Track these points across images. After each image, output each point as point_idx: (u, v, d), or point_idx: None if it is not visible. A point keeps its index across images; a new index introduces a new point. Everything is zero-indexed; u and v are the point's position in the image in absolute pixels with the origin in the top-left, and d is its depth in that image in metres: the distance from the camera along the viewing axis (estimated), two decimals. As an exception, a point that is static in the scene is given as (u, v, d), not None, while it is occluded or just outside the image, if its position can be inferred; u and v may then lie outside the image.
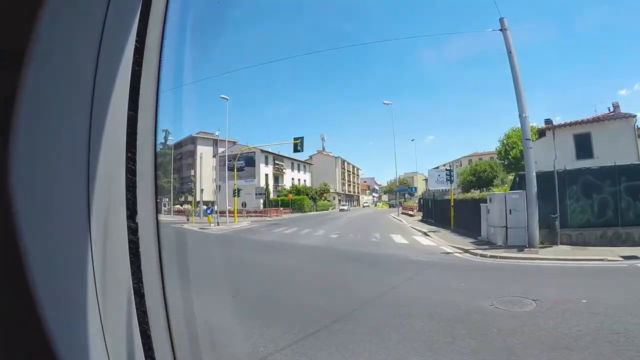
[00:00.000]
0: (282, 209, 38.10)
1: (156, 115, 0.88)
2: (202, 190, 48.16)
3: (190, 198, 56.14)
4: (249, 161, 44.87)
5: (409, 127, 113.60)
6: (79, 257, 0.74)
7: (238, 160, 46.49)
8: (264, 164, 46.58)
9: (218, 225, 20.58)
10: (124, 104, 0.80)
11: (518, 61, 9.82)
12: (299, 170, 55.80)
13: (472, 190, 41.55)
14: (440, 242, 11.91)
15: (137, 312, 0.86)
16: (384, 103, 39.16)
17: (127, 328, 0.85)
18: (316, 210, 47.65)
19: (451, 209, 15.53)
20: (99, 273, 0.77)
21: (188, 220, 23.66)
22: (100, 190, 0.76)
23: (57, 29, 0.68)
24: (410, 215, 32.34)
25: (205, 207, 37.68)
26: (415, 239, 13.18)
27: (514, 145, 37.55)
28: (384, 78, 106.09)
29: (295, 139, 21.96)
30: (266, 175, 46.15)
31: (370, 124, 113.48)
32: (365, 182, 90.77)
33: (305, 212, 43.64)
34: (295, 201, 42.09)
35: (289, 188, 50.84)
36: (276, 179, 47.51)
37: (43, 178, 0.69)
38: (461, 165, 75.19)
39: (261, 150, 44.37)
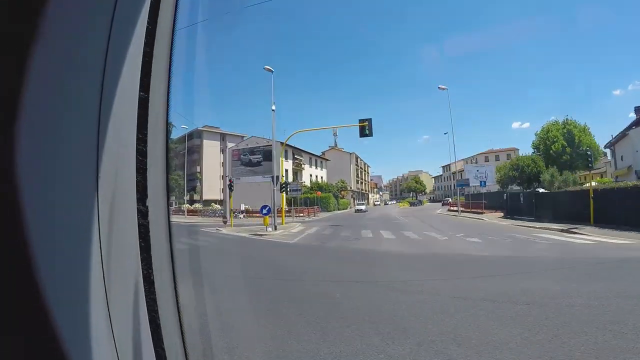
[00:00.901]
0: (313, 207, 33.97)
1: (168, 99, 0.87)
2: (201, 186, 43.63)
3: (196, 196, 50.95)
4: (268, 155, 40.42)
5: (408, 126, 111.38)
6: (85, 243, 0.73)
7: (254, 154, 42.00)
8: (284, 159, 42.24)
9: (276, 229, 16.36)
10: (135, 85, 0.79)
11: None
12: (316, 166, 51.87)
13: (510, 187, 38.84)
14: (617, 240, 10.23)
15: (146, 299, 0.84)
16: (439, 88, 34.11)
17: (135, 316, 0.83)
18: (338, 209, 43.79)
19: (591, 202, 12.15)
20: (106, 258, 0.76)
21: (225, 223, 19.38)
22: (109, 172, 0.75)
23: (67, 10, 0.69)
24: (476, 212, 28.50)
25: (243, 206, 33.31)
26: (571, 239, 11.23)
27: (555, 139, 37.40)
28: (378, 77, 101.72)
29: (361, 120, 18.07)
30: (286, 170, 41.90)
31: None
32: (372, 179, 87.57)
33: (330, 210, 39.74)
34: (322, 199, 38.11)
35: (309, 185, 46.79)
36: (295, 175, 43.42)
37: (49, 159, 0.68)
38: (476, 162, 73.08)
39: (281, 143, 40.09)
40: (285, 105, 75.78)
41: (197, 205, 44.41)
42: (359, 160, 68.09)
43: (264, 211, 17.44)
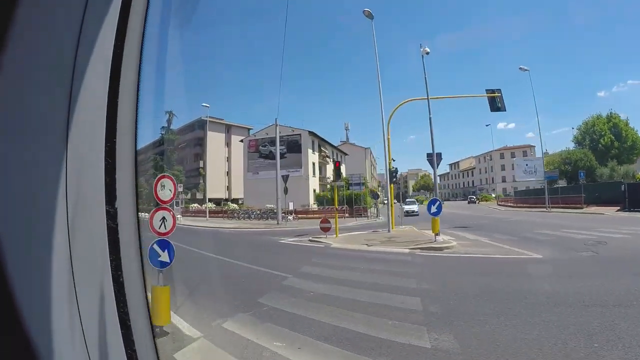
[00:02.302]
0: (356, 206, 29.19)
1: (137, 100, 0.88)
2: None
3: (199, 195, 44.88)
4: (293, 146, 35.23)
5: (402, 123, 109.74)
6: (54, 244, 0.73)
7: (275, 145, 36.58)
8: (311, 150, 37.09)
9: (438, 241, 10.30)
10: (104, 87, 0.81)
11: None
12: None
13: (558, 181, 36.05)
14: None
15: (116, 301, 0.85)
16: (520, 68, 28.61)
17: (105, 317, 0.83)
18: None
19: None
20: (76, 260, 0.76)
21: (328, 230, 12.08)
22: (77, 173, 0.76)
23: (37, 11, 0.70)
24: (572, 207, 24.18)
25: (291, 205, 27.80)
26: None
27: (603, 133, 37.24)
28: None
29: (488, 90, 13.64)
30: (313, 164, 36.78)
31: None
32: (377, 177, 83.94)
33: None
34: (357, 198, 33.36)
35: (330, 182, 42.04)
36: (320, 169, 38.43)
37: (15, 160, 0.68)
38: (491, 159, 70.97)
39: (309, 132, 34.94)
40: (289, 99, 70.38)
41: (231, 205, 38.04)
42: (371, 156, 63.90)
43: (433, 209, 10.37)
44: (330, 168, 46.53)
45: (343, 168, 46.86)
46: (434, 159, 13.29)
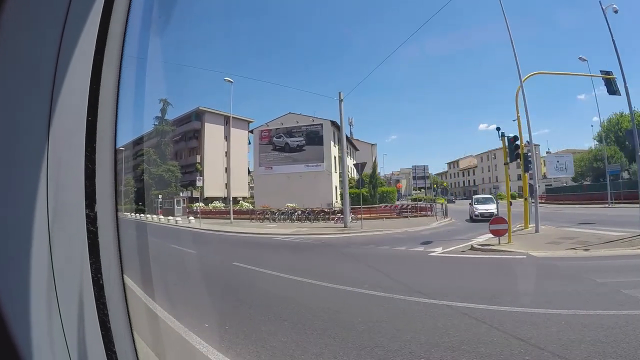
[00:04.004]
0: (385, 205, 25.99)
1: (117, 104, 0.90)
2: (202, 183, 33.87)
3: (196, 193, 40.44)
4: (313, 138, 31.67)
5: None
6: (34, 248, 0.74)
7: (292, 136, 32.75)
8: (333, 143, 33.50)
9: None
10: (84, 91, 0.82)
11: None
12: (350, 155, 43.60)
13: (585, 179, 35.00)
14: None
15: (96, 303, 0.87)
16: (581, 58, 24.85)
17: (86, 320, 0.85)
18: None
19: None
20: (57, 263, 0.78)
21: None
22: (58, 177, 0.77)
23: (18, 12, 0.71)
24: None
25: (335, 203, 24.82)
26: None
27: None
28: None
29: (604, 72, 11.60)
30: (334, 158, 33.27)
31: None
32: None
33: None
34: (385, 195, 30.33)
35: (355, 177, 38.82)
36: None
37: None
38: (495, 158, 70.74)
39: (331, 122, 31.39)
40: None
41: (244, 204, 32.98)
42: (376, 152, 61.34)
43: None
44: (349, 163, 43.04)
45: (352, 163, 43.49)
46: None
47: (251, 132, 36.11)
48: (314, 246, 12.16)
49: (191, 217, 25.04)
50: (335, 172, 34.62)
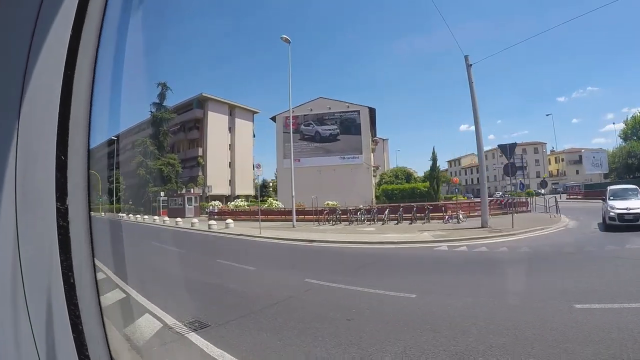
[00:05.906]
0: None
1: (92, 95, 0.86)
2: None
3: (197, 190, 35.84)
4: (349, 126, 27.93)
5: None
6: (1, 245, 0.73)
7: (324, 124, 28.61)
8: (371, 132, 29.90)
9: None
10: (57, 82, 0.80)
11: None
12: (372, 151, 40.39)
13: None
14: None
15: (67, 304, 0.83)
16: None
17: (56, 321, 0.81)
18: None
19: None
20: (24, 261, 0.75)
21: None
22: (28, 169, 0.75)
23: None
24: None
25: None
26: None
27: None
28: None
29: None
30: (373, 149, 29.79)
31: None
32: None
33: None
34: (425, 192, 27.05)
35: (388, 172, 35.73)
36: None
37: None
38: (502, 156, 69.68)
39: (369, 109, 27.82)
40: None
41: (275, 202, 26.81)
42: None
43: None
44: (376, 156, 39.25)
45: (372, 157, 40.08)
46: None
47: (273, 119, 31.34)
48: (526, 260, 7.18)
49: (212, 221, 19.00)
50: (373, 165, 30.95)
